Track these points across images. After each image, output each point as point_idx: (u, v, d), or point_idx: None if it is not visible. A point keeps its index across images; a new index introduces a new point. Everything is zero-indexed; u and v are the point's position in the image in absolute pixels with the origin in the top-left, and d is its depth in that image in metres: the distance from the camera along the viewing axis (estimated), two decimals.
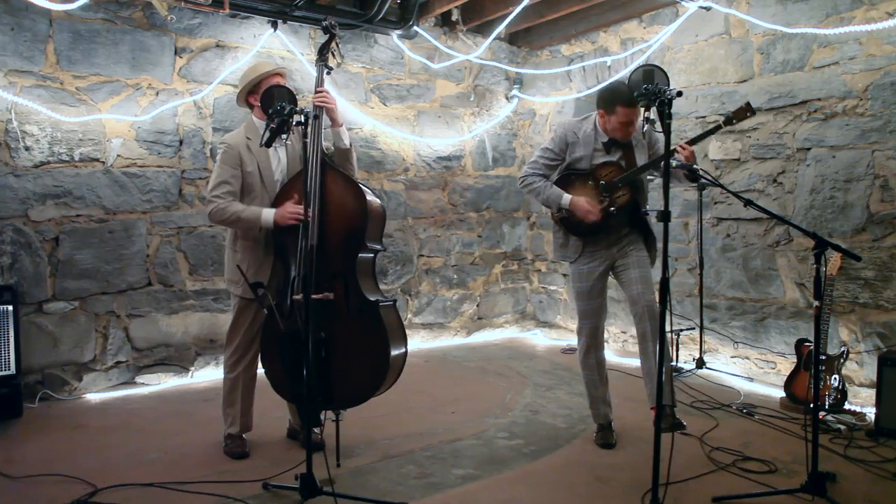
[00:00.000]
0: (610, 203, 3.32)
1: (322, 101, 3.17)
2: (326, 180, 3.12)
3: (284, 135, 2.84)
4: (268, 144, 2.83)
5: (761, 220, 4.62)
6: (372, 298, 3.10)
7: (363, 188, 3.16)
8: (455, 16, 5.62)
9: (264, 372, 3.26)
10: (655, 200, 3.93)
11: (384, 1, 4.85)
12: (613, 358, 5.26)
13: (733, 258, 4.81)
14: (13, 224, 4.15)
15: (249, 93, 3.30)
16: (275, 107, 2.79)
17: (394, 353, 3.09)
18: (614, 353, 5.48)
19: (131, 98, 4.50)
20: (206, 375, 4.80)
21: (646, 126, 3.15)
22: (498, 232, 6.40)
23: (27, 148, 4.18)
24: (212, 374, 4.78)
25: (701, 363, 4.84)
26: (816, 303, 2.84)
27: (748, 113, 3.12)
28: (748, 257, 4.72)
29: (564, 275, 6.19)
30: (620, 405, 3.86)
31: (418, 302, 5.92)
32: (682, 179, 3.28)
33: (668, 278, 2.62)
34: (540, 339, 6.29)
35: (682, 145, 3.13)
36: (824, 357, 3.78)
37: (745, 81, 4.69)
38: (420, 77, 5.83)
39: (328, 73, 3.27)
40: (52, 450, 3.41)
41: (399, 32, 5.38)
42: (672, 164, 2.89)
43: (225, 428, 3.38)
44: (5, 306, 3.89)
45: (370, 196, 3.17)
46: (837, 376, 3.80)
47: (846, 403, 3.81)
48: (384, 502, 2.77)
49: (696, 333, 4.93)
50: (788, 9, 4.39)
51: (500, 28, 5.42)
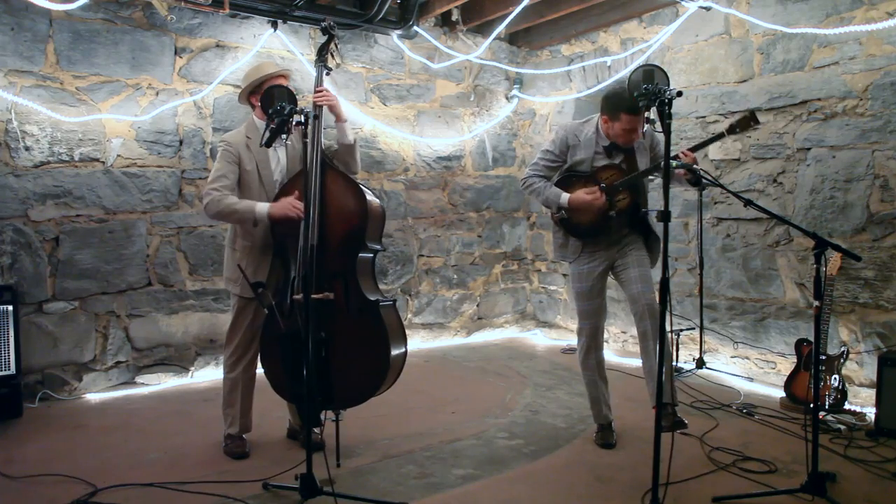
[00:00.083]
0: (610, 207, 3.32)
1: (324, 99, 3.18)
2: (327, 180, 3.12)
3: (284, 135, 2.84)
4: (267, 144, 2.83)
5: (761, 220, 4.62)
6: (372, 298, 3.11)
7: (363, 188, 3.16)
8: (455, 16, 5.62)
9: (264, 372, 3.25)
10: (655, 200, 3.93)
11: (384, 1, 4.85)
12: (613, 358, 5.26)
13: (733, 258, 4.81)
14: (13, 224, 4.16)
15: (251, 93, 3.31)
16: (274, 107, 2.79)
17: (394, 353, 3.09)
18: (614, 353, 5.48)
19: (131, 98, 4.50)
20: (206, 375, 4.80)
21: (646, 126, 3.14)
22: (498, 232, 6.40)
23: (27, 148, 4.18)
24: (212, 374, 4.78)
25: (701, 363, 4.84)
26: (816, 303, 2.84)
27: (752, 122, 3.10)
28: (748, 257, 4.72)
29: (564, 275, 6.19)
30: (620, 405, 3.87)
31: (418, 302, 5.92)
32: (684, 182, 3.26)
33: (668, 278, 2.62)
34: (540, 339, 6.29)
35: (685, 151, 3.12)
36: (824, 357, 3.79)
37: (745, 81, 4.68)
38: (420, 77, 5.83)
39: (327, 74, 3.28)
40: (52, 450, 3.41)
41: (399, 32, 5.38)
42: (672, 165, 2.89)
43: (225, 428, 3.38)
44: (5, 306, 3.89)
45: (370, 196, 3.18)
46: (837, 376, 3.80)
47: (846, 403, 3.81)
48: (384, 502, 2.77)
49: (696, 333, 4.93)
50: (788, 9, 4.39)
51: (500, 28, 5.42)
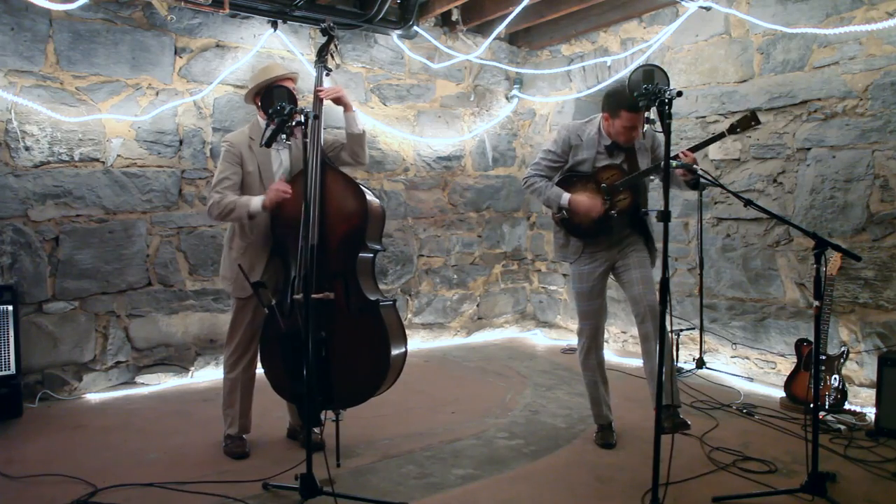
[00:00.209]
0: (611, 206, 3.32)
1: (330, 93, 3.20)
2: (327, 180, 3.12)
3: (284, 135, 2.85)
4: (268, 144, 2.83)
5: (761, 220, 4.62)
6: (372, 298, 3.11)
7: (363, 188, 3.17)
8: (455, 16, 5.62)
9: (264, 372, 3.25)
10: (656, 201, 3.93)
11: (384, 1, 4.85)
12: (613, 358, 5.26)
13: (733, 258, 4.81)
14: (13, 224, 4.15)
15: (257, 94, 3.31)
16: (275, 107, 2.79)
17: (394, 353, 3.10)
18: (614, 353, 5.48)
19: (131, 98, 4.50)
20: (206, 375, 4.80)
21: (647, 127, 3.14)
22: (498, 232, 6.40)
23: (27, 148, 4.18)
24: (212, 374, 4.78)
25: (701, 363, 4.84)
26: (816, 303, 2.84)
27: (753, 122, 3.11)
28: (748, 257, 4.72)
29: (564, 275, 6.19)
30: (620, 405, 3.87)
31: (418, 302, 5.92)
32: (683, 185, 3.25)
33: (668, 278, 2.62)
34: (540, 339, 6.28)
35: (685, 152, 3.11)
36: (824, 357, 3.78)
37: (745, 81, 4.68)
38: (420, 77, 5.83)
39: (327, 75, 3.29)
40: (52, 450, 3.41)
41: (399, 32, 5.38)
42: (672, 165, 2.89)
43: (225, 428, 3.38)
44: (5, 306, 3.89)
45: (370, 196, 3.18)
46: (837, 376, 3.81)
47: (846, 403, 3.81)
48: (384, 502, 2.77)
49: (696, 333, 4.93)
50: (788, 9, 4.39)
51: (500, 28, 5.42)
